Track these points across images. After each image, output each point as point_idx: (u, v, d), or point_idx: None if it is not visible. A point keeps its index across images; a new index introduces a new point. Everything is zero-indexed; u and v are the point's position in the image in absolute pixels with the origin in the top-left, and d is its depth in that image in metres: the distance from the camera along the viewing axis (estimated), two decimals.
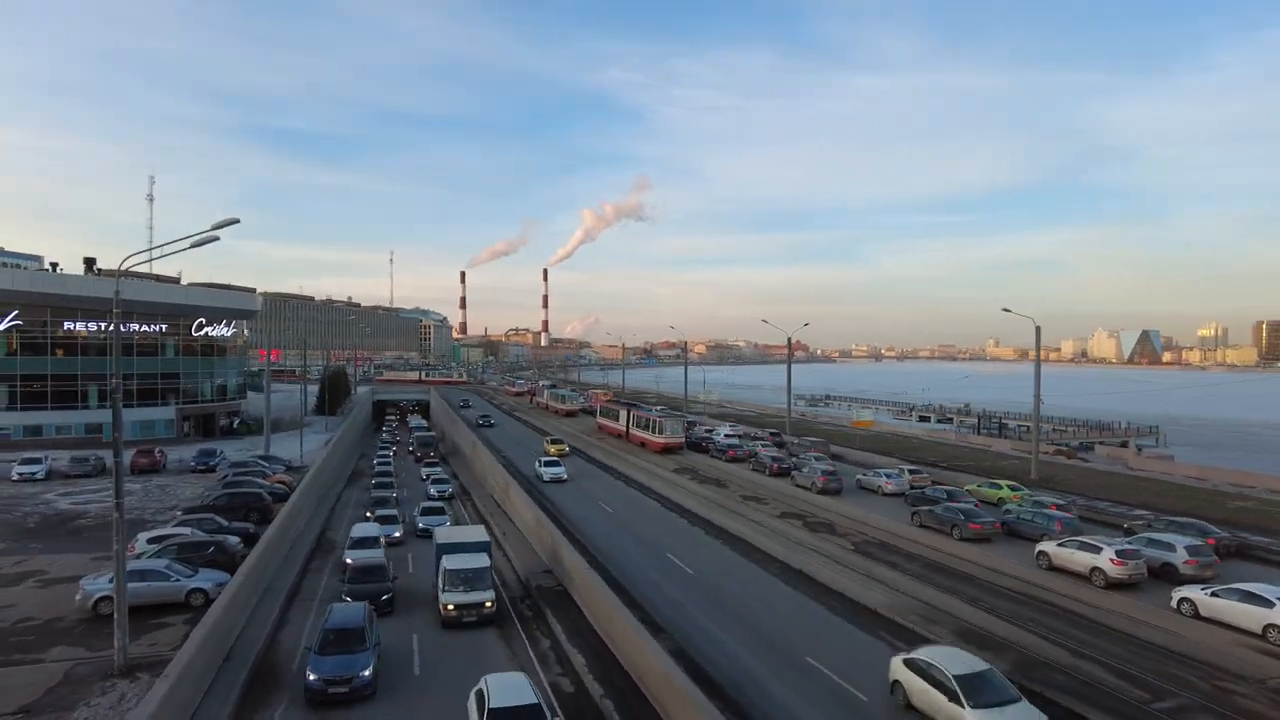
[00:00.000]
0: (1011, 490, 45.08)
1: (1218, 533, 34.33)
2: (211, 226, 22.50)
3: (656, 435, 65.27)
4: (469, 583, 26.74)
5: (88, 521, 41.56)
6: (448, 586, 26.63)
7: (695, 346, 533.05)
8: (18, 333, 65.81)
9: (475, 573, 27.20)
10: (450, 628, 25.99)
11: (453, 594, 26.45)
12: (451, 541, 29.85)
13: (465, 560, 27.79)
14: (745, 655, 24.05)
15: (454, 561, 27.70)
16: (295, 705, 20.83)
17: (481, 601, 26.37)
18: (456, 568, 27.22)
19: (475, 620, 26.16)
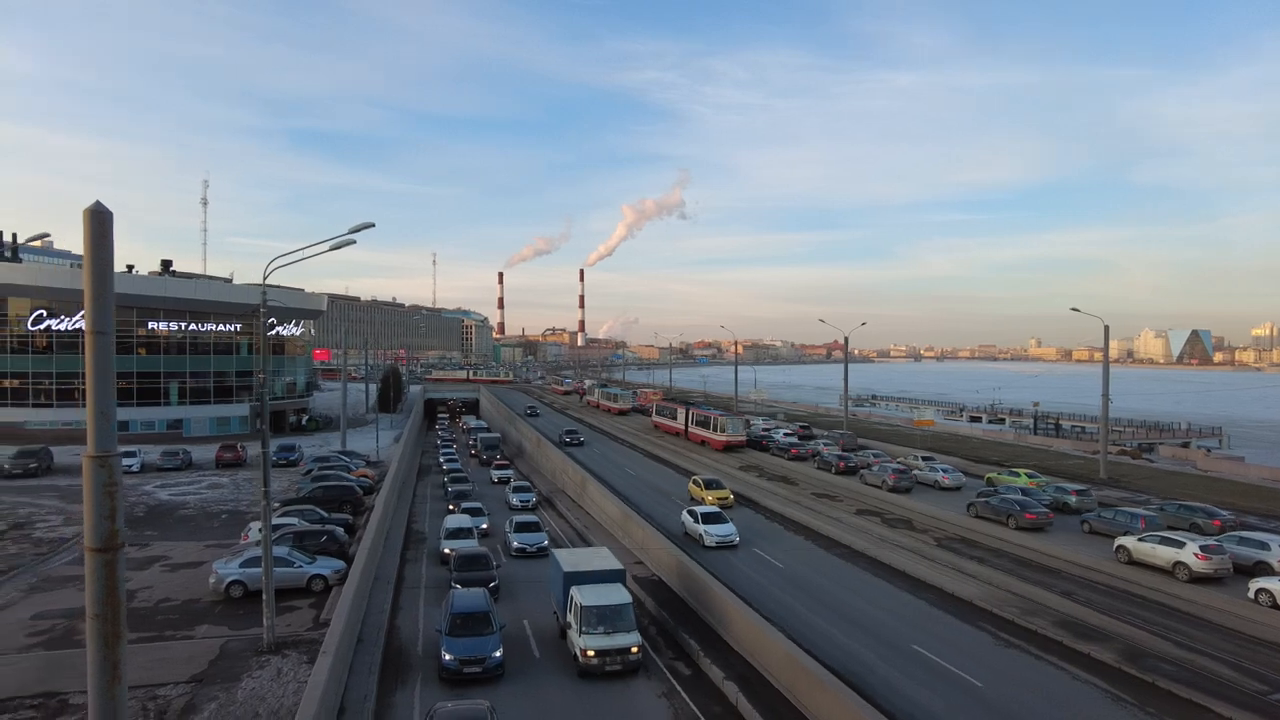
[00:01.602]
0: (1029, 478, 48.15)
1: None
2: (348, 230, 23.82)
3: (718, 434, 65.94)
4: (609, 622, 22.69)
5: (190, 511, 43.51)
6: (586, 628, 22.51)
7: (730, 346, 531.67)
8: None
9: (616, 610, 23.01)
10: (589, 677, 22.19)
11: (593, 637, 22.35)
12: (580, 570, 25.27)
13: (603, 594, 23.50)
14: (854, 645, 24.73)
15: (590, 595, 23.31)
16: (429, 683, 22.05)
17: (627, 647, 22.38)
18: (595, 604, 22.89)
19: (620, 669, 22.34)
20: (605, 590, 23.90)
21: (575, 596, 23.57)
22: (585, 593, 23.52)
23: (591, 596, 23.28)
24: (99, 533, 10.66)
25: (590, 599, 23.09)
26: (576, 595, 23.53)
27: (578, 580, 24.51)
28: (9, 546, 35.20)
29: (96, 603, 10.78)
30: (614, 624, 22.72)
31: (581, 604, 22.90)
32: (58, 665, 22.21)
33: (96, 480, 10.58)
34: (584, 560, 26.59)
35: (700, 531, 36.80)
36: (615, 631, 22.56)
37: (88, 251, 10.58)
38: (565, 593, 24.46)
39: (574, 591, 23.84)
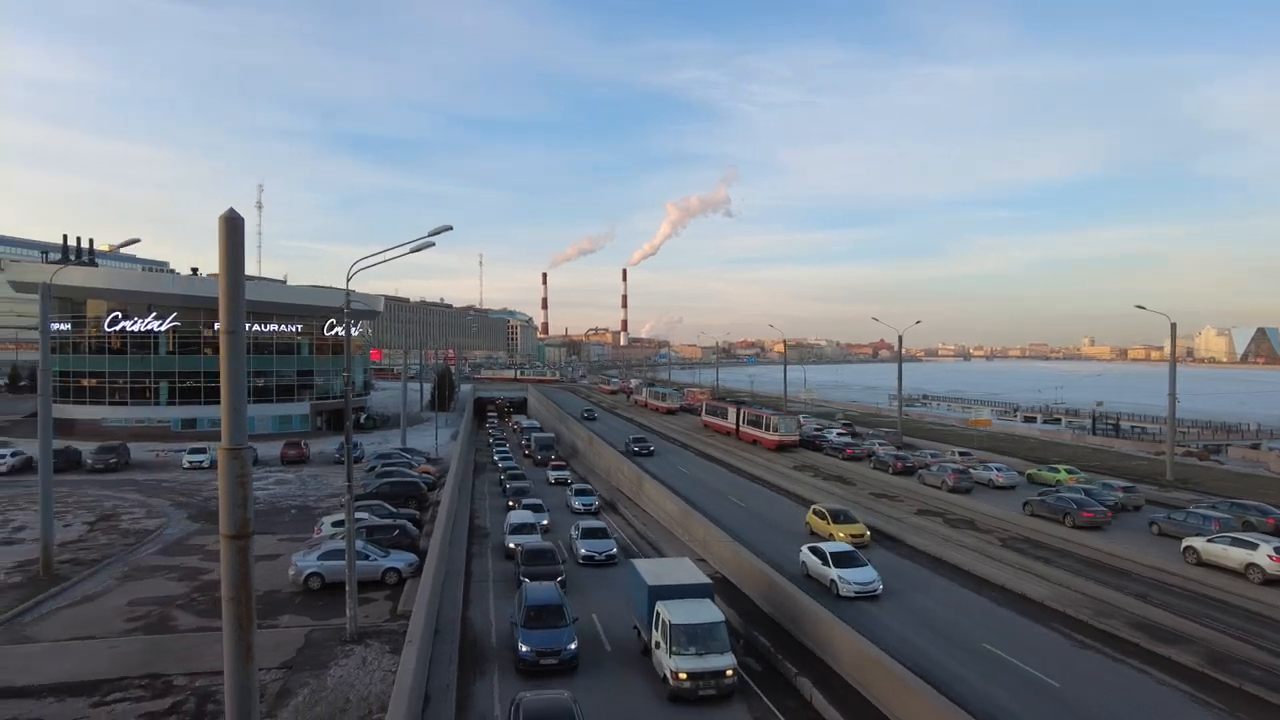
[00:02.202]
0: (1068, 473, 49.26)
1: None
2: (429, 233, 24.48)
3: (770, 433, 65.86)
4: (701, 642, 20.89)
5: (260, 506, 44.92)
6: (676, 648, 20.75)
7: (774, 345, 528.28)
8: (176, 333, 71.30)
9: (709, 629, 21.29)
10: (680, 702, 20.52)
11: (685, 659, 20.54)
12: (665, 583, 23.49)
13: (692, 611, 21.74)
14: (923, 643, 24.64)
15: (679, 612, 21.53)
16: (506, 674, 22.62)
17: (722, 670, 20.60)
18: (686, 622, 21.17)
19: (714, 693, 20.60)
20: (695, 607, 22.15)
21: (662, 613, 21.80)
22: (673, 609, 21.73)
23: (681, 614, 21.54)
24: (233, 520, 11.38)
25: (680, 616, 21.38)
26: (664, 612, 21.78)
27: (663, 595, 22.73)
28: (99, 537, 36.87)
29: (231, 586, 11.52)
30: (706, 644, 20.94)
31: (670, 622, 21.13)
32: (157, 649, 23.33)
33: (230, 471, 11.28)
34: (667, 572, 24.80)
35: (832, 577, 29.10)
36: (708, 653, 20.79)
37: (222, 255, 11.27)
38: (650, 609, 22.72)
39: (660, 608, 22.09)
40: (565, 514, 45.39)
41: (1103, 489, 43.97)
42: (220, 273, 11.25)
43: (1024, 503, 41.95)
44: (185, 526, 39.55)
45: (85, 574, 31.00)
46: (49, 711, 19.15)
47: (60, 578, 30.26)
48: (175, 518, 41.33)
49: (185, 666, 21.93)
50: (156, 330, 70.26)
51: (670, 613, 21.59)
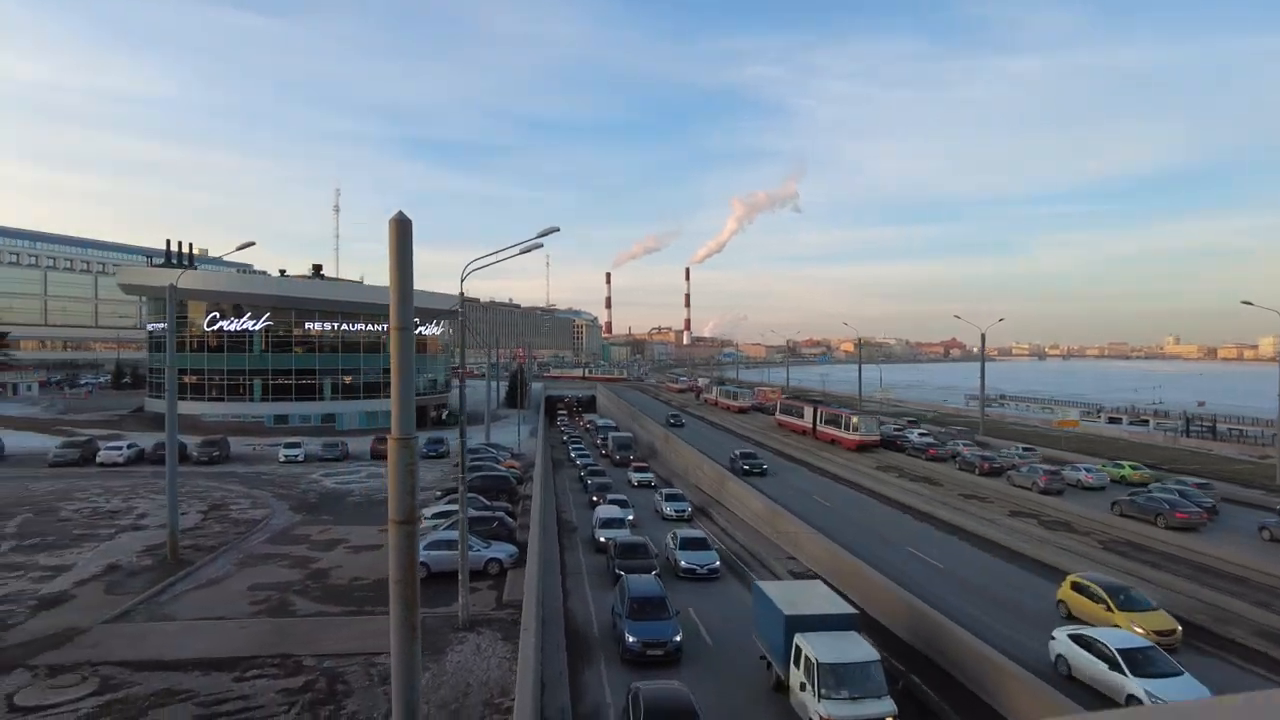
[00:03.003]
0: (1133, 469, 49.88)
1: None
2: (536, 234, 25.13)
3: (850, 433, 65.12)
4: (856, 685, 18.32)
5: (356, 499, 46.73)
6: (825, 691, 18.06)
7: (841, 344, 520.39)
8: (269, 332, 74.55)
9: (863, 669, 18.56)
10: None
11: (836, 704, 17.92)
12: (803, 613, 20.45)
13: (841, 647, 18.86)
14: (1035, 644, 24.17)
15: (825, 648, 18.64)
16: (612, 663, 23.07)
17: (881, 717, 17.93)
18: (836, 661, 18.39)
19: None
20: (842, 642, 19.23)
21: (804, 648, 18.95)
22: (817, 645, 18.81)
23: (828, 650, 18.64)
24: (402, 507, 12.07)
25: (827, 654, 18.49)
26: (806, 647, 18.90)
27: (803, 626, 19.80)
28: (213, 525, 38.89)
29: (399, 569, 12.20)
30: (861, 686, 18.29)
31: (817, 660, 18.27)
32: (282, 631, 24.57)
33: (401, 460, 11.95)
34: (802, 599, 21.74)
35: (1132, 692, 19.68)
36: (864, 696, 18.17)
37: (392, 255, 11.91)
38: (786, 642, 19.87)
39: (801, 642, 19.20)
40: (653, 518, 43.48)
41: (1176, 485, 43.12)
42: (390, 272, 11.91)
43: (1112, 503, 41.16)
44: (289, 517, 41.34)
45: (206, 559, 32.75)
46: (197, 684, 20.41)
47: (185, 562, 32.08)
48: (278, 509, 43.22)
49: (310, 648, 23.04)
50: (251, 330, 73.56)
51: (814, 648, 18.72)
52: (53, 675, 20.94)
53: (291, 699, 19.65)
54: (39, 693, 19.87)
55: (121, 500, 44.37)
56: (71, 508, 42.12)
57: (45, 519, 39.40)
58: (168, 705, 19.27)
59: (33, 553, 33.33)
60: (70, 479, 50.62)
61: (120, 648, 22.99)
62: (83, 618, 25.47)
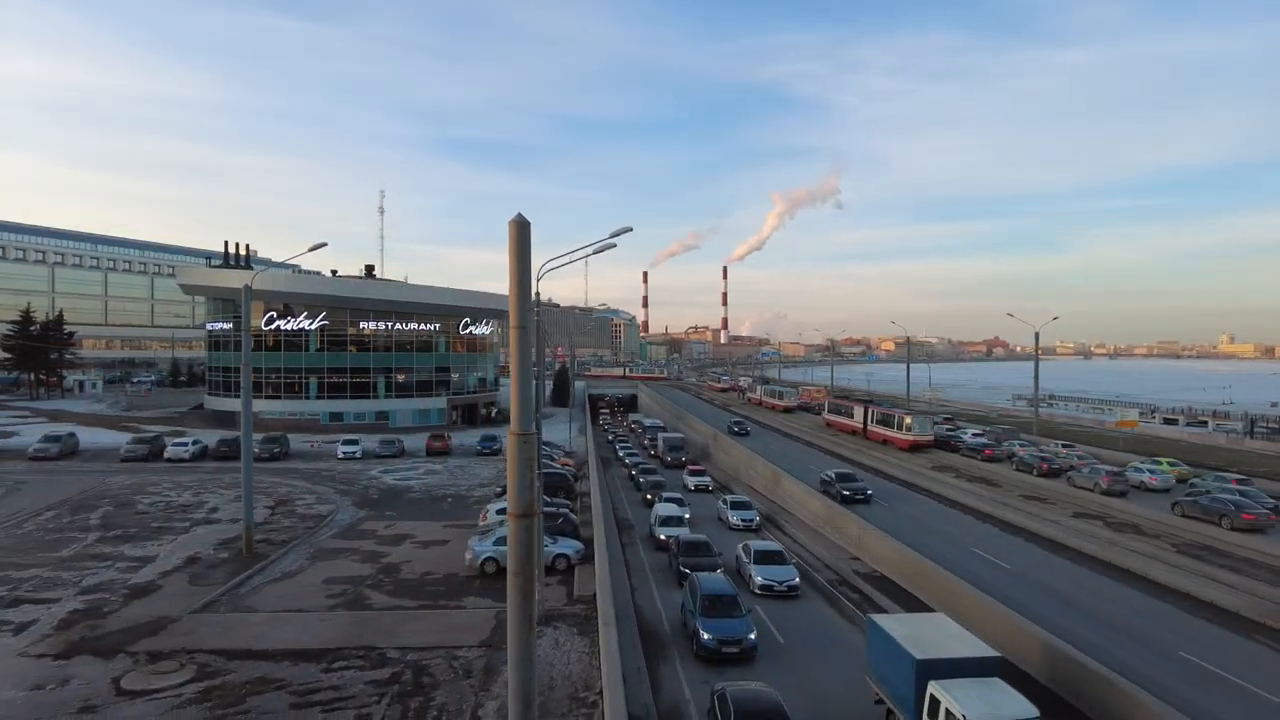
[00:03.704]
0: (1170, 465, 50.01)
1: None
2: (609, 234, 25.32)
3: (903, 433, 64.47)
4: None
5: (417, 495, 47.52)
6: None
7: (881, 343, 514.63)
8: (324, 332, 76.10)
9: None
10: None
11: None
12: (938, 656, 17.35)
13: (992, 700, 15.83)
14: (1117, 650, 23.78)
15: (975, 703, 15.62)
16: (686, 659, 23.17)
17: None
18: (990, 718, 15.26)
19: None
20: (991, 693, 16.21)
21: (945, 701, 15.95)
22: (962, 696, 15.83)
23: (977, 704, 15.54)
24: (522, 500, 12.28)
25: (978, 709, 15.39)
26: (947, 699, 15.90)
27: (938, 672, 16.97)
28: (281, 520, 39.87)
29: (518, 561, 12.42)
30: None
31: (964, 716, 15.24)
32: (362, 624, 25.13)
33: (521, 454, 12.18)
34: (931, 637, 18.46)
35: None
36: None
37: (512, 256, 12.14)
38: (918, 689, 16.99)
39: (939, 692, 16.23)
40: (716, 526, 40.74)
41: (1216, 482, 43.52)
42: (510, 272, 12.13)
43: (1173, 504, 40.69)
44: (353, 513, 42.19)
45: (279, 553, 33.61)
46: (288, 673, 21.00)
47: (260, 556, 32.96)
48: (342, 504, 44.13)
49: (392, 641, 23.53)
50: (307, 329, 75.11)
51: (959, 701, 15.71)
52: (153, 661, 21.73)
53: (380, 690, 20.10)
54: (143, 678, 20.62)
55: (192, 495, 45.69)
56: (147, 501, 43.50)
57: (124, 512, 40.77)
58: (264, 693, 19.85)
59: (117, 544, 34.54)
60: (142, 474, 52.25)
61: (211, 637, 23.75)
62: (172, 607, 26.35)
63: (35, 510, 40.63)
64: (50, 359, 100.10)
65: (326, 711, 18.92)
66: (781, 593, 28.88)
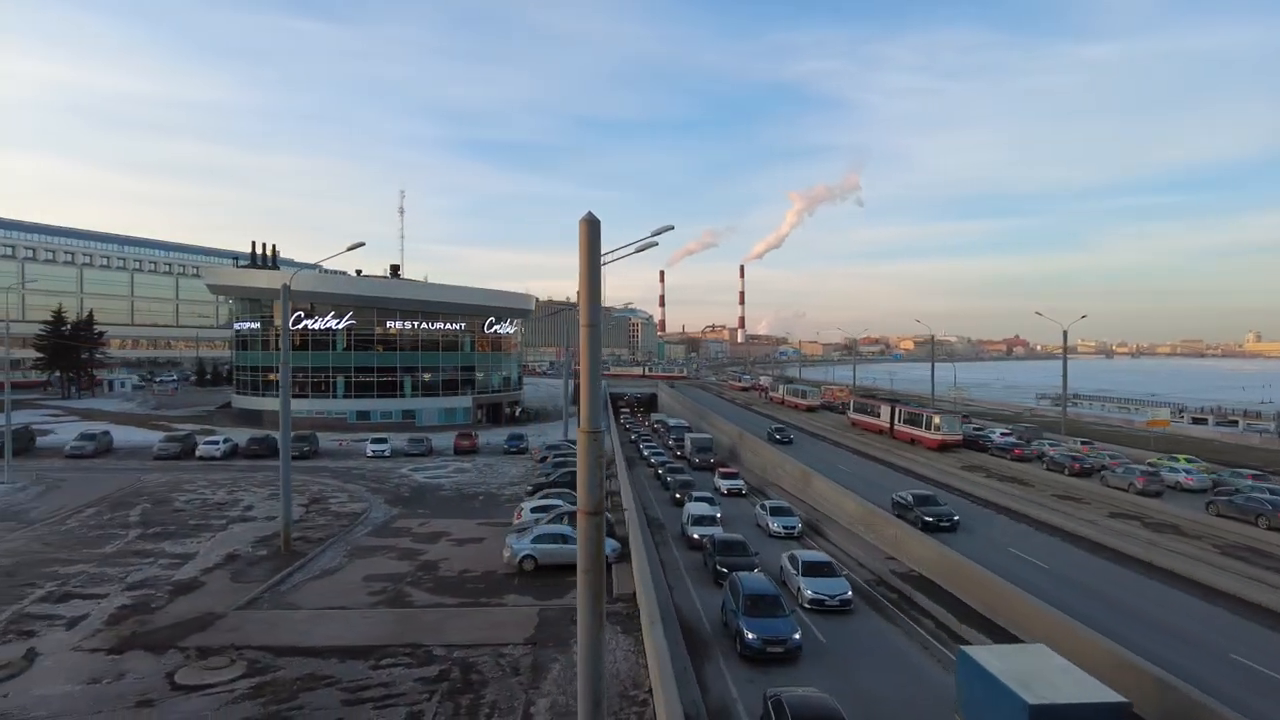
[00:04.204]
0: (1188, 462, 51.42)
1: None
2: (650, 233, 25.26)
3: (932, 432, 64.06)
4: None
5: (448, 493, 47.74)
6: None
7: (900, 342, 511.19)
8: (350, 331, 76.65)
9: None
10: None
11: None
12: (1053, 702, 14.83)
13: None
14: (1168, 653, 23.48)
15: None
16: (730, 659, 23.09)
17: None
18: None
19: None
20: None
21: None
22: None
23: None
24: (591, 498, 12.30)
25: None
26: None
27: None
28: (316, 518, 40.17)
29: (588, 558, 12.45)
30: None
31: None
32: (405, 621, 25.24)
33: (591, 452, 12.19)
34: (1037, 676, 15.97)
35: None
36: None
37: (583, 254, 12.17)
38: None
39: None
40: (755, 533, 38.51)
41: (1232, 477, 44.49)
42: (580, 269, 12.16)
43: (1207, 503, 40.60)
44: (386, 511, 42.45)
45: (317, 551, 33.84)
46: (337, 670, 21.15)
47: (298, 553, 33.19)
48: (374, 502, 44.40)
49: (437, 639, 23.61)
50: (334, 328, 75.67)
51: None
52: (203, 656, 21.94)
53: (430, 687, 20.18)
54: (195, 673, 20.83)
55: (226, 493, 46.13)
56: (183, 499, 43.97)
57: (162, 509, 41.23)
58: (315, 690, 19.98)
59: (158, 540, 34.93)
60: (175, 472, 52.82)
61: (258, 633, 23.95)
62: (217, 603, 26.61)
63: (76, 507, 41.19)
64: (81, 359, 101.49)
65: (378, 708, 19.01)
66: (834, 608, 27.21)
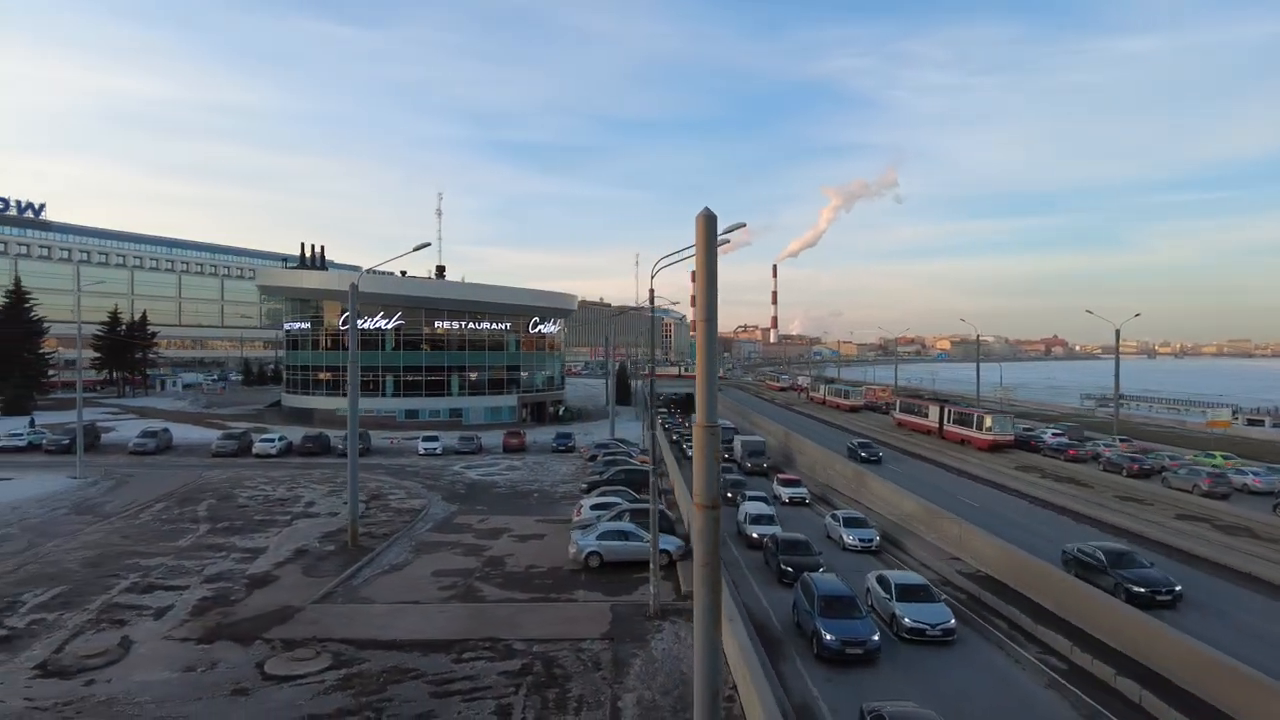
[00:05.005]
0: (1224, 459, 52.35)
1: None
2: (723, 231, 25.32)
3: (982, 432, 63.24)
4: None
5: (503, 490, 48.22)
6: None
7: (936, 342, 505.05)
8: (399, 331, 77.73)
9: None
10: None
11: None
12: None
13: None
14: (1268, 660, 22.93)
15: None
16: (806, 659, 22.97)
17: None
18: None
19: None
20: None
21: None
22: None
23: None
24: (708, 492, 12.32)
25: None
26: None
27: None
28: (378, 514, 40.80)
29: (705, 553, 12.47)
30: None
31: None
32: (480, 616, 25.51)
33: (708, 446, 12.20)
34: None
35: None
36: None
37: (700, 249, 12.20)
38: None
39: None
40: (828, 545, 36.06)
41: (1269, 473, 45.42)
42: (697, 264, 12.19)
43: (1275, 505, 39.94)
44: (445, 507, 42.99)
45: (382, 546, 34.36)
46: (420, 663, 21.46)
47: (364, 549, 33.74)
48: (432, 499, 44.98)
49: (515, 633, 23.81)
50: (384, 329, 76.78)
51: None
52: (289, 648, 22.40)
53: (514, 681, 20.37)
54: (284, 664, 21.28)
55: (286, 489, 47.04)
56: (245, 495, 44.94)
57: (227, 505, 42.19)
58: (401, 683, 20.27)
59: (227, 535, 35.75)
60: (234, 468, 54.01)
61: (337, 626, 24.38)
62: (293, 597, 27.13)
63: (146, 502, 42.32)
64: (135, 358, 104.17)
65: (467, 700, 19.25)
66: (935, 638, 23.88)
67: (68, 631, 23.48)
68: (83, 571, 29.72)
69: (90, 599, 26.47)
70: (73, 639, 22.89)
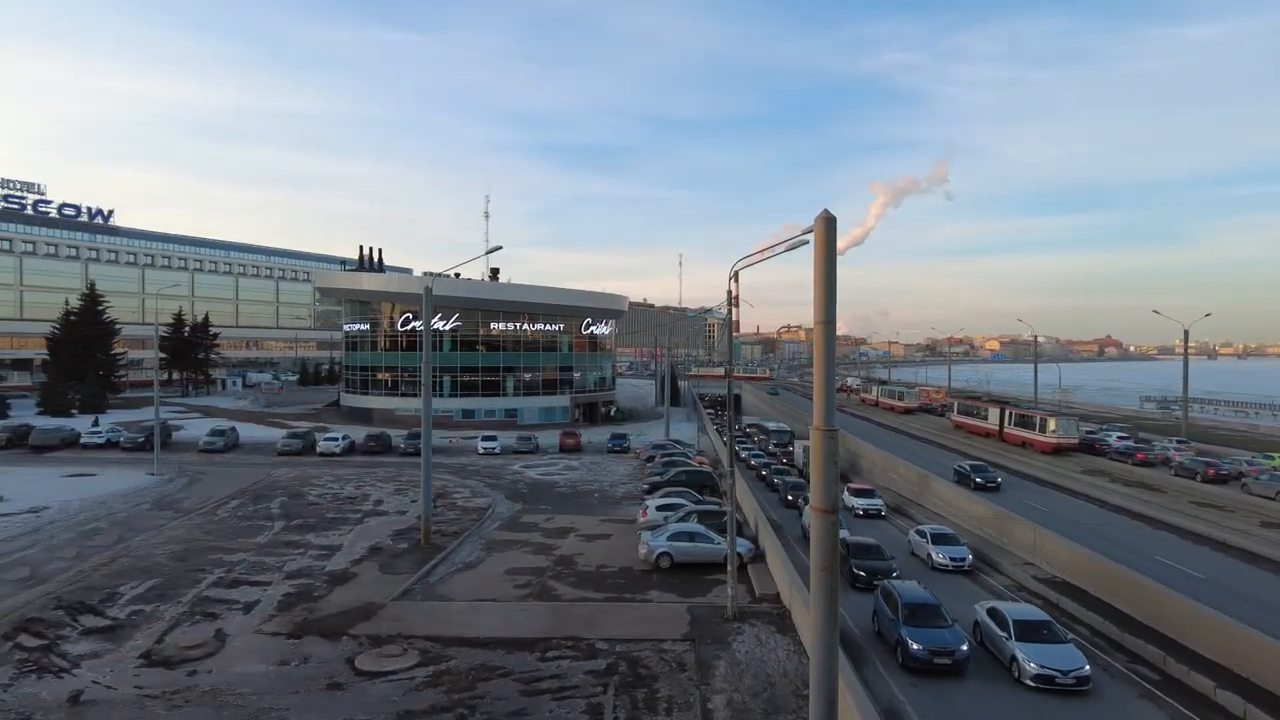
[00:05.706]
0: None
1: None
2: (801, 232, 25.17)
3: (1045, 435, 61.91)
4: None
5: (564, 490, 48.59)
6: None
7: (986, 342, 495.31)
8: (456, 332, 78.88)
9: None
10: None
11: None
12: None
13: None
14: None
15: None
16: (889, 665, 22.70)
17: None
18: None
19: None
20: None
21: None
22: None
23: None
24: (826, 496, 12.28)
25: None
26: None
27: None
28: (446, 513, 41.41)
29: (823, 556, 12.42)
30: None
31: None
32: (558, 615, 25.69)
33: (826, 450, 12.16)
34: None
35: None
36: None
37: (818, 251, 12.15)
38: None
39: None
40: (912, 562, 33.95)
41: None
42: (815, 266, 12.16)
43: None
44: (510, 506, 43.48)
45: (454, 544, 34.86)
46: (507, 661, 21.72)
47: (437, 547, 34.27)
48: (496, 498, 45.52)
49: (595, 633, 23.96)
50: (441, 330, 77.98)
51: None
52: (376, 644, 22.85)
53: (601, 680, 20.50)
54: (373, 660, 21.73)
55: (354, 488, 48.04)
56: (315, 493, 46.00)
57: (298, 502, 43.22)
58: (490, 680, 20.52)
59: (302, 532, 36.60)
60: (300, 467, 55.33)
61: (420, 624, 24.78)
62: (374, 594, 27.67)
63: (221, 499, 43.57)
64: (198, 359, 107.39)
65: (557, 699, 19.42)
66: (1068, 687, 20.44)
67: (165, 623, 24.29)
68: (172, 565, 30.73)
69: (182, 591, 27.37)
70: (171, 630, 23.68)
